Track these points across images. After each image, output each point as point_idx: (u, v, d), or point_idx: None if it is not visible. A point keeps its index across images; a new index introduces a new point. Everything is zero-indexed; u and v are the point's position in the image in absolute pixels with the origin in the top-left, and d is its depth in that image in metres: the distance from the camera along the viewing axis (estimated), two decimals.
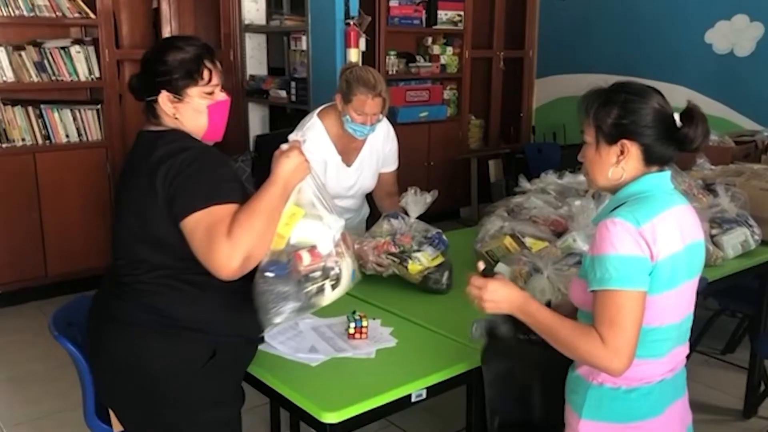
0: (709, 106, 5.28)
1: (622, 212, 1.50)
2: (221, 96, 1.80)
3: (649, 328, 1.53)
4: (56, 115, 4.45)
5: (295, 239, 1.67)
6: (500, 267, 2.34)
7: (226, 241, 1.54)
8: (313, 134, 2.76)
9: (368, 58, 5.18)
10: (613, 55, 5.89)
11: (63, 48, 4.42)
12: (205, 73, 1.76)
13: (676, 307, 1.58)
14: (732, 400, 3.31)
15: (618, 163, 1.56)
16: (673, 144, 1.56)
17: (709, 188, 2.99)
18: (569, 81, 6.31)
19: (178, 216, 1.61)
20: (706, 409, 3.26)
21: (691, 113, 1.56)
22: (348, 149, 2.88)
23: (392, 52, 5.62)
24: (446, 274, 2.37)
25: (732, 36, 5.21)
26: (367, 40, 4.91)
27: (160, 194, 1.64)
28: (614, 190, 1.61)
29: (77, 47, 4.46)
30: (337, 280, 1.71)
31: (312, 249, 1.68)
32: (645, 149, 1.55)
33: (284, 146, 1.70)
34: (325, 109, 2.86)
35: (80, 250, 4.58)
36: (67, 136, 4.50)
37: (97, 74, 4.52)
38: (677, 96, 1.46)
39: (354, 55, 4.74)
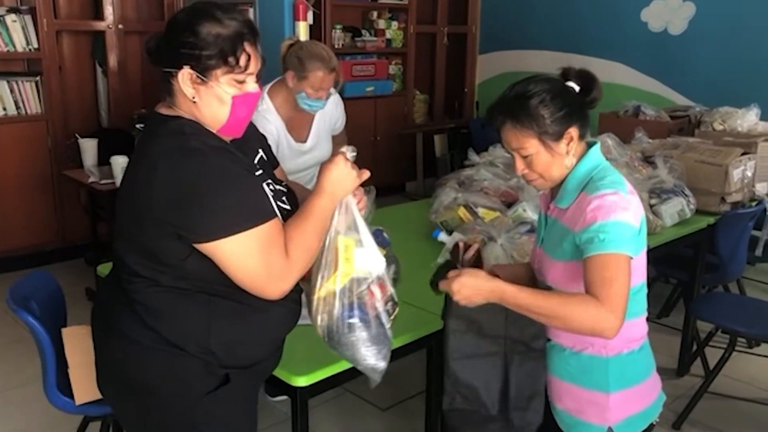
0: (645, 83, 5.49)
1: (605, 185, 1.55)
2: (252, 87, 1.49)
3: (639, 285, 1.63)
4: None
5: (356, 273, 1.49)
6: (455, 236, 2.42)
7: (284, 263, 1.42)
8: (268, 115, 2.72)
9: (315, 31, 5.17)
10: (553, 33, 6.04)
11: None
12: (242, 59, 1.45)
13: (646, 262, 1.68)
14: (667, 360, 3.50)
15: (569, 151, 1.60)
16: (586, 109, 1.63)
17: (648, 160, 3.15)
18: (511, 57, 6.44)
19: (201, 237, 1.39)
20: None
21: (589, 76, 1.62)
22: (299, 125, 2.86)
23: (338, 26, 5.61)
24: (392, 268, 2.22)
25: (666, 15, 5.40)
26: (314, 14, 4.90)
27: (157, 207, 1.39)
28: (564, 176, 1.64)
29: (13, 16, 4.29)
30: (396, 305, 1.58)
31: (378, 281, 1.52)
32: (580, 126, 1.60)
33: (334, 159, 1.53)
34: (273, 87, 2.80)
35: (19, 227, 4.46)
36: (4, 108, 4.35)
37: (35, 45, 4.37)
38: (615, 72, 1.50)
39: (303, 29, 4.72)
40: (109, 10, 4.68)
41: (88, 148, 4.33)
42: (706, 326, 3.24)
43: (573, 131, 1.58)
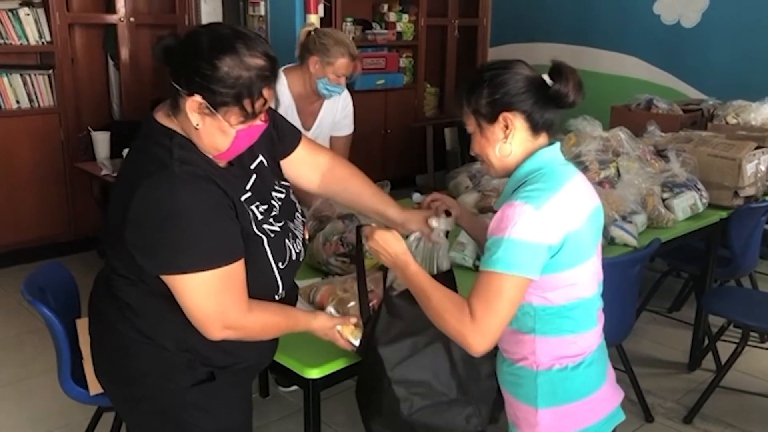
0: (657, 76, 5.45)
1: (521, 194, 1.47)
2: (259, 122, 1.44)
3: (582, 300, 1.56)
4: (5, 79, 4.31)
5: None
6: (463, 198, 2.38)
7: (240, 316, 1.46)
8: (281, 87, 2.75)
9: (325, 24, 5.15)
10: (565, 25, 6.00)
11: (11, 10, 4.27)
12: (258, 105, 1.40)
13: (595, 275, 1.60)
14: (678, 355, 3.50)
15: (506, 138, 1.53)
16: (550, 104, 1.53)
17: (660, 154, 3.13)
18: (522, 50, 6.39)
19: (156, 268, 1.42)
20: (654, 363, 3.45)
21: (558, 69, 1.52)
22: (306, 112, 2.90)
23: (349, 19, 5.60)
24: None
25: (679, 7, 5.35)
26: (325, 6, 4.89)
27: (128, 227, 1.39)
28: (510, 172, 1.57)
29: (26, 9, 4.31)
30: None
31: None
32: (527, 117, 1.52)
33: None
34: (288, 68, 2.85)
35: (32, 219, 4.49)
36: (18, 101, 4.38)
37: (48, 38, 4.39)
38: (627, 65, 1.45)
39: (314, 21, 4.71)
40: (120, 3, 4.70)
41: (101, 140, 4.36)
42: (717, 320, 3.22)
43: (512, 117, 1.51)
